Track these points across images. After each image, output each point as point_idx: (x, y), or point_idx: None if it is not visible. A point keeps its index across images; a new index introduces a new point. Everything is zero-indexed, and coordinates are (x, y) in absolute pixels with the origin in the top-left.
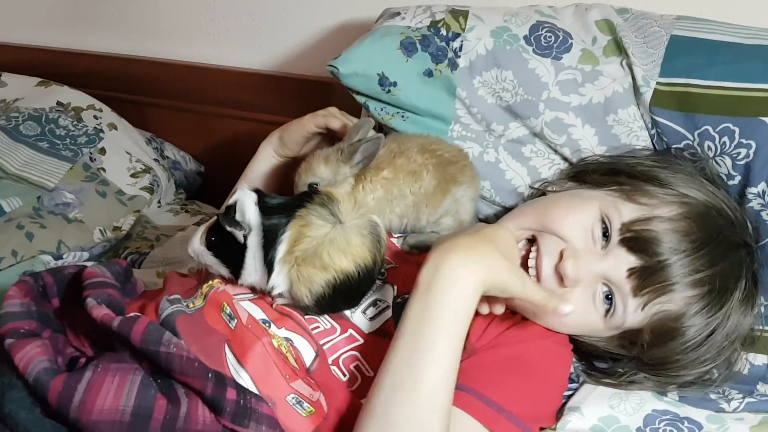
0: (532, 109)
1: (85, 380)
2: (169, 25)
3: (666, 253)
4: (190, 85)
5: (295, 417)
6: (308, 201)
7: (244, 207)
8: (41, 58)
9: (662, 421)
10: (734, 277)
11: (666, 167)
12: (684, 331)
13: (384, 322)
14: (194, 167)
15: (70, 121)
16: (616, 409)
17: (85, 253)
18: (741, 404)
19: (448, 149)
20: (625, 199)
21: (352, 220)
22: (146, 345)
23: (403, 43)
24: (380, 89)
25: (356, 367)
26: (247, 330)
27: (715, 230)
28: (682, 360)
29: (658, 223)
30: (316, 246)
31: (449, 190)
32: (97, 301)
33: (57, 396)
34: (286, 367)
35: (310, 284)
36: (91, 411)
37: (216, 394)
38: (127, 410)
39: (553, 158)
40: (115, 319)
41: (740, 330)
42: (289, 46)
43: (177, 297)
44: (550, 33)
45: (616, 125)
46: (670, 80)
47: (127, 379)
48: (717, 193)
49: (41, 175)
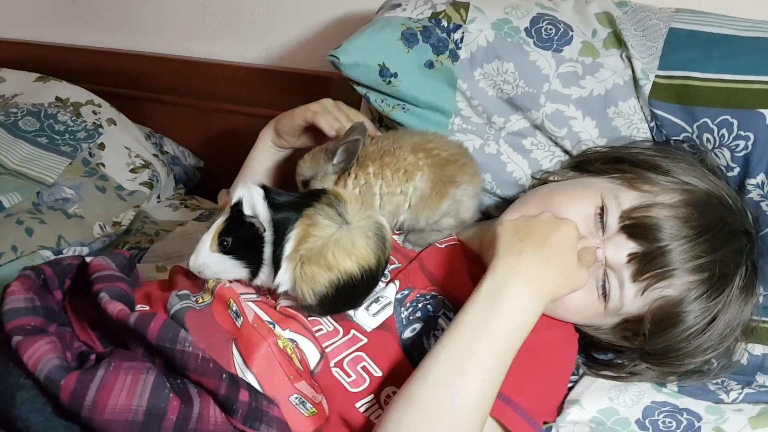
0: (533, 102)
1: (97, 379)
2: (167, 20)
3: (666, 239)
4: (189, 80)
5: (297, 416)
6: (316, 200)
7: (253, 201)
8: (40, 53)
9: (661, 412)
10: (734, 264)
11: (667, 156)
12: (684, 316)
13: (387, 318)
14: (193, 162)
15: (69, 117)
16: (616, 402)
17: (84, 248)
18: (740, 395)
19: (446, 147)
20: (627, 187)
21: (359, 222)
22: (162, 342)
23: (404, 34)
24: (381, 80)
25: (363, 368)
26: (254, 329)
27: (716, 217)
28: (684, 348)
29: (659, 210)
30: (321, 246)
31: (447, 193)
32: (110, 296)
33: (69, 395)
34: (291, 368)
35: (314, 284)
36: (104, 410)
37: (229, 394)
38: (140, 410)
39: (553, 150)
40: (131, 316)
41: (742, 317)
42: (287, 39)
43: (186, 293)
44: (551, 25)
45: (617, 118)
46: (669, 73)
47: (140, 378)
48: (717, 182)
49: (40, 171)
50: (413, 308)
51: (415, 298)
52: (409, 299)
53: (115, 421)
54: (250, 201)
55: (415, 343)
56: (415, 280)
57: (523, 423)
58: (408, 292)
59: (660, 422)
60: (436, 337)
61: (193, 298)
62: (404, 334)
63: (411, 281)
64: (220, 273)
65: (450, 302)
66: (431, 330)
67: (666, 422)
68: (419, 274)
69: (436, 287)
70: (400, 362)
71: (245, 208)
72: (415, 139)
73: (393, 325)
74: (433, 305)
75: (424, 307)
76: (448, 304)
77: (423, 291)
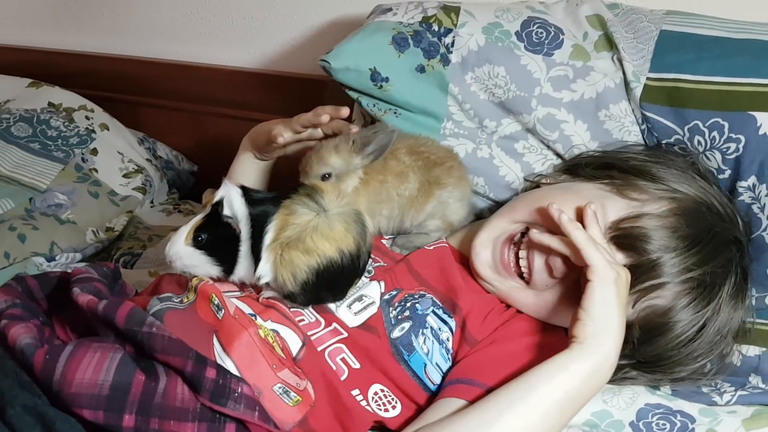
0: (525, 106)
1: (66, 353)
2: (160, 23)
3: (656, 251)
4: (182, 84)
5: (281, 406)
6: (293, 192)
7: (231, 200)
8: (32, 58)
9: (655, 414)
10: (724, 273)
11: (658, 162)
12: (672, 325)
13: (369, 317)
14: (187, 167)
15: (61, 122)
16: (609, 404)
17: (77, 254)
18: (733, 397)
19: (435, 151)
20: (615, 194)
21: (336, 209)
22: (129, 326)
23: (395, 38)
24: (372, 85)
25: (342, 359)
26: (234, 320)
27: (706, 227)
28: (675, 356)
29: (647, 220)
30: (300, 232)
31: (432, 194)
32: (82, 290)
33: (41, 368)
34: (273, 357)
35: (294, 269)
36: (71, 382)
37: (195, 372)
38: (105, 384)
39: (545, 154)
40: (100, 303)
41: (732, 324)
42: (281, 43)
43: (168, 295)
44: (542, 29)
45: (608, 120)
46: (660, 75)
47: (107, 355)
48: (708, 188)
49: (33, 177)
50: (401, 308)
51: (403, 298)
52: (397, 299)
53: (81, 395)
54: (228, 200)
55: (403, 341)
56: (403, 281)
57: None
58: (396, 292)
59: (654, 424)
60: (424, 335)
61: (176, 299)
62: (393, 334)
63: (399, 282)
64: (190, 267)
65: (439, 300)
66: (420, 328)
67: (660, 424)
68: (407, 275)
69: (425, 287)
70: (387, 361)
71: (225, 208)
72: (409, 141)
73: (377, 325)
74: (421, 304)
75: (412, 306)
76: (437, 302)
77: (411, 291)
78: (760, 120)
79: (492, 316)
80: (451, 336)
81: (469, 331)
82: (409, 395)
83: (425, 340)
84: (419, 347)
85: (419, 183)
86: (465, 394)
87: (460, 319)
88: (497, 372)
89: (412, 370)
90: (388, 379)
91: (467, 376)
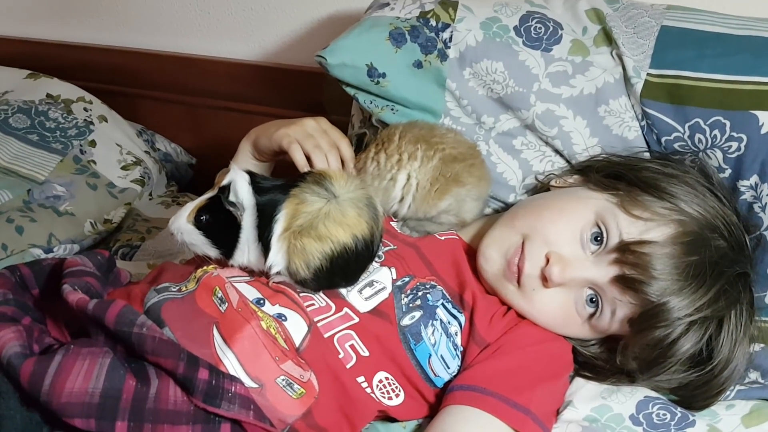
0: (523, 101)
1: (55, 363)
2: (159, 16)
3: (661, 295)
4: (181, 76)
5: (285, 399)
6: (301, 180)
7: (237, 187)
8: (30, 50)
9: (655, 405)
10: (729, 308)
11: (669, 175)
12: (672, 358)
13: (380, 302)
14: (186, 159)
15: (60, 114)
16: (609, 399)
17: (75, 246)
18: (732, 392)
19: (455, 145)
20: (619, 208)
21: (347, 194)
22: (119, 327)
23: (392, 33)
24: (369, 80)
25: (351, 346)
26: (237, 313)
27: (711, 261)
28: (675, 381)
29: (651, 248)
30: (312, 219)
31: (449, 190)
32: (73, 287)
33: (28, 379)
34: (276, 349)
35: (307, 256)
36: (61, 393)
37: (187, 373)
38: (96, 392)
39: (544, 150)
40: (90, 302)
41: (738, 363)
42: (280, 36)
43: (166, 285)
44: (540, 24)
45: (608, 116)
46: (661, 72)
47: (96, 362)
48: (718, 208)
49: (31, 168)
50: (413, 296)
51: (415, 286)
52: (410, 287)
53: (72, 404)
54: (234, 187)
55: (412, 330)
56: (414, 268)
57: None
58: (408, 279)
59: (654, 415)
60: (434, 326)
61: (175, 287)
62: (403, 321)
63: (410, 269)
64: (189, 244)
65: (448, 294)
66: (430, 319)
67: (660, 414)
68: (418, 263)
69: (435, 277)
70: (396, 348)
71: (231, 194)
72: (423, 131)
73: (389, 311)
74: (432, 295)
75: (423, 295)
76: (446, 295)
77: (423, 280)
78: (762, 119)
79: (496, 318)
80: (459, 331)
81: (477, 329)
82: (413, 383)
83: (434, 331)
84: (427, 338)
85: (431, 176)
86: (479, 403)
87: (469, 314)
88: (509, 383)
89: (416, 359)
90: (396, 365)
91: (482, 384)
